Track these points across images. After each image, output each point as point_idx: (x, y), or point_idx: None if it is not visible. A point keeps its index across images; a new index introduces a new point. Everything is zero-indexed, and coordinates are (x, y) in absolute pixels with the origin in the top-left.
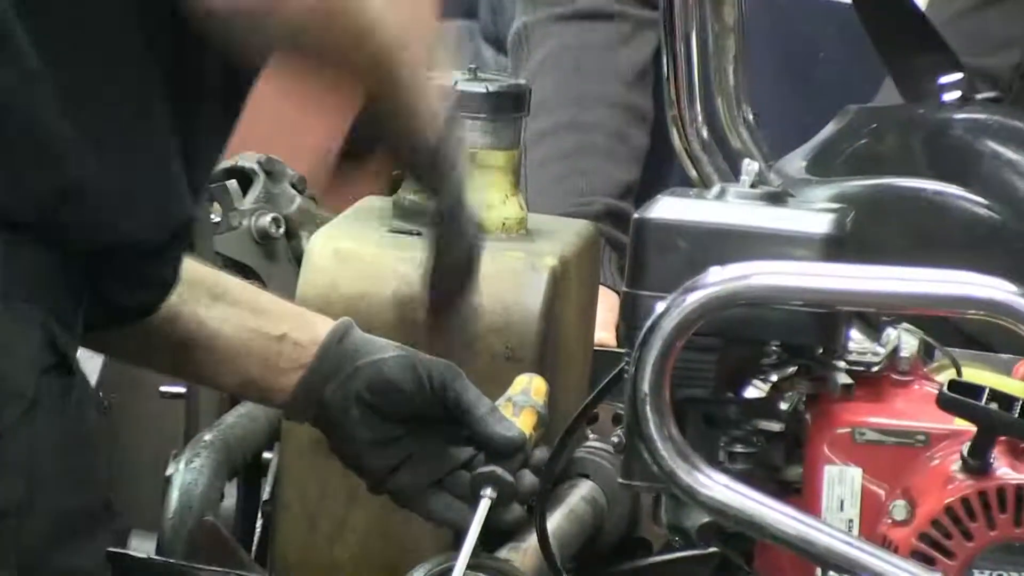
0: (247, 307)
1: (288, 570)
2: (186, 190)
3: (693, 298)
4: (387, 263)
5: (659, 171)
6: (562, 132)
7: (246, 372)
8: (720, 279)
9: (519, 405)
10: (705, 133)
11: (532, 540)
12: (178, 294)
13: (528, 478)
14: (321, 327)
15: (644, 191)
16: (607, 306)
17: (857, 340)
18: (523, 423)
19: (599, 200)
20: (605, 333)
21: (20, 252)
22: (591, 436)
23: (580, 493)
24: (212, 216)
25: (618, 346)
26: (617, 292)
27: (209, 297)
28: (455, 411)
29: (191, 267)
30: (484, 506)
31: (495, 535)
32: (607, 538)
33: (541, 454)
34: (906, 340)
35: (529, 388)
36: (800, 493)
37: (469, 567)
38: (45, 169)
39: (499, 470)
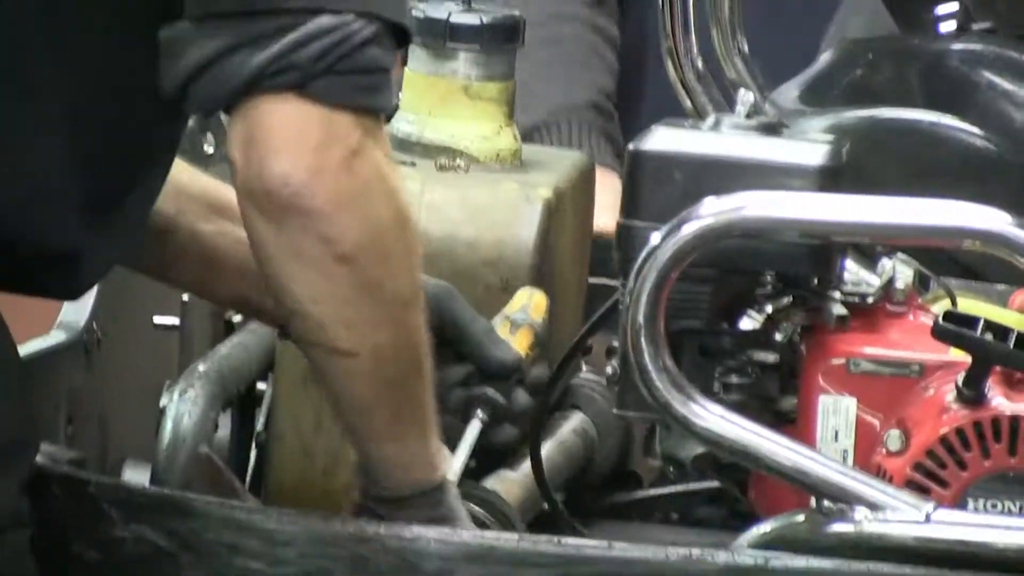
0: None
1: (283, 500)
2: (71, 211)
3: (688, 229)
4: None
5: (630, 99)
6: (537, 48)
7: (239, 289)
8: (715, 210)
9: (516, 324)
10: (700, 64)
11: (518, 472)
12: (176, 207)
13: (522, 396)
14: None
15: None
16: (608, 187)
17: (852, 271)
18: (519, 342)
19: (583, 95)
20: (606, 217)
21: None
22: (585, 368)
23: (571, 425)
24: (206, 148)
25: (614, 276)
26: (616, 172)
27: (209, 210)
28: (451, 332)
29: (195, 178)
30: (474, 428)
31: (486, 455)
32: (597, 470)
33: (537, 372)
34: (901, 271)
35: (528, 305)
36: (795, 424)
37: None
38: None
39: (490, 391)
